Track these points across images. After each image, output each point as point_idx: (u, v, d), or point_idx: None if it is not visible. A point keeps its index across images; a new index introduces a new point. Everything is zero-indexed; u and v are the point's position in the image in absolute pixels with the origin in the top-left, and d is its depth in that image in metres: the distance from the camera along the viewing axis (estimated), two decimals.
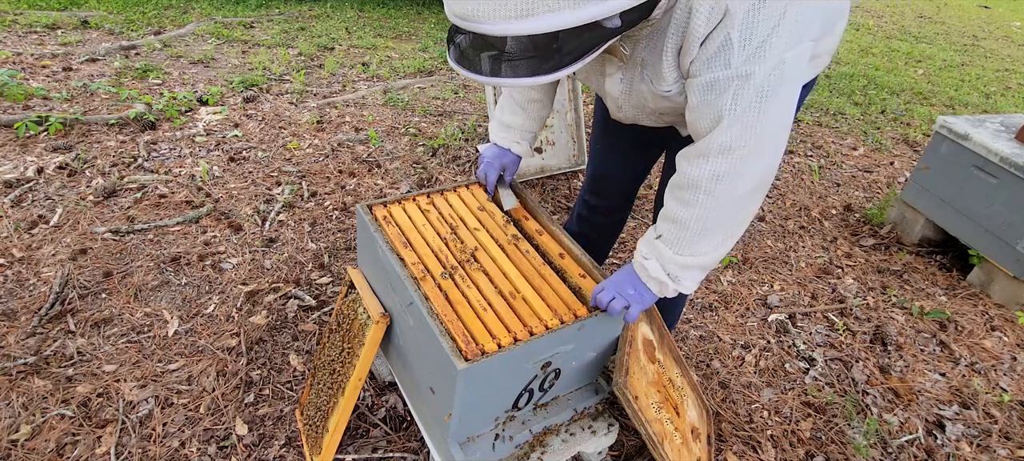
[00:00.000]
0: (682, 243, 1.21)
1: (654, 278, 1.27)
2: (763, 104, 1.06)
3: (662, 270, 1.25)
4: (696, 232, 1.19)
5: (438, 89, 4.32)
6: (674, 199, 1.21)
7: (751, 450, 1.84)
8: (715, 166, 1.12)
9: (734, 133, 1.08)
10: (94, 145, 3.03)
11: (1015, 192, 2.52)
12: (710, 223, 1.19)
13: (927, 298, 2.65)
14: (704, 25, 1.01)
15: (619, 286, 1.30)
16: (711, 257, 1.23)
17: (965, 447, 1.94)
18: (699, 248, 1.21)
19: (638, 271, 1.30)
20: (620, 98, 1.35)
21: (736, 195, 1.15)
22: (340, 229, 2.65)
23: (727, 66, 1.04)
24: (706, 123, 1.11)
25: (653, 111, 1.33)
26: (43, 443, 1.62)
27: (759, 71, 1.03)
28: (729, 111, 1.06)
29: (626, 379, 1.37)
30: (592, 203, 1.92)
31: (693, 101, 1.12)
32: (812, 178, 3.63)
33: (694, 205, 1.17)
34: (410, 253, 1.43)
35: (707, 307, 2.44)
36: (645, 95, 1.27)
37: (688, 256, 1.22)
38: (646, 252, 1.28)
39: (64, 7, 5.02)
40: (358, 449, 1.71)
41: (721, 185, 1.13)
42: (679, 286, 1.26)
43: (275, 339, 2.04)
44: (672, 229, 1.22)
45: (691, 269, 1.24)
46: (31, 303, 2.05)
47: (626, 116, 1.42)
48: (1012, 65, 6.77)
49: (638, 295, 1.29)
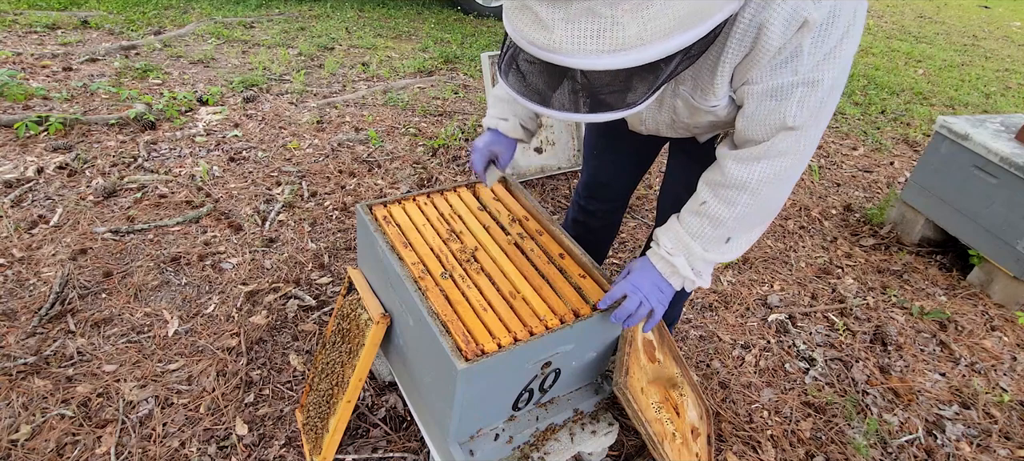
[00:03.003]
0: (714, 242, 1.20)
1: (680, 274, 1.24)
2: (823, 109, 1.04)
3: (689, 267, 1.23)
4: (731, 230, 1.19)
5: (438, 89, 4.32)
6: (715, 196, 1.18)
7: (751, 450, 1.84)
8: (768, 169, 1.10)
9: (795, 139, 1.06)
10: (94, 145, 3.03)
11: (1015, 192, 2.52)
12: (747, 222, 1.18)
13: (927, 298, 2.65)
14: (779, 38, 0.96)
15: (639, 287, 1.26)
16: (733, 255, 1.23)
17: (965, 447, 1.94)
18: (726, 249, 1.21)
19: (660, 267, 1.26)
20: (646, 113, 1.32)
21: (780, 196, 1.15)
22: (340, 229, 2.65)
23: (795, 73, 1.00)
24: (765, 130, 1.08)
25: (685, 125, 1.29)
26: (43, 443, 1.62)
27: (827, 77, 1.00)
28: (793, 118, 1.04)
29: (626, 379, 1.37)
30: (589, 208, 1.89)
31: (750, 108, 1.08)
32: (812, 178, 3.63)
33: (737, 205, 1.15)
34: (410, 253, 1.43)
35: (707, 307, 2.44)
36: (679, 110, 1.23)
37: (717, 254, 1.21)
38: (672, 248, 1.24)
39: (64, 7, 5.02)
40: (358, 449, 1.71)
41: (770, 187, 1.12)
42: (700, 281, 1.25)
43: (275, 339, 2.04)
44: (707, 227, 1.19)
45: (712, 265, 1.24)
46: (31, 303, 2.05)
47: (648, 128, 1.39)
48: (1012, 65, 6.77)
49: (661, 295, 1.26)
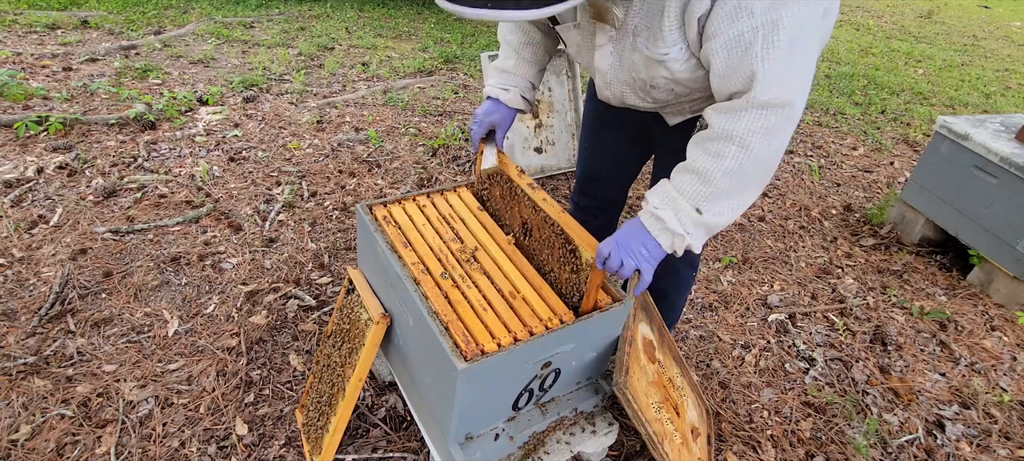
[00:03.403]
0: (703, 198, 1.15)
1: (669, 230, 1.18)
2: (796, 54, 1.02)
3: (678, 223, 1.17)
4: (721, 189, 1.14)
5: (438, 89, 4.32)
6: (703, 151, 1.15)
7: (751, 450, 1.84)
8: (755, 121, 1.08)
9: (771, 87, 1.04)
10: (94, 145, 3.03)
11: (1015, 192, 2.52)
12: (738, 179, 1.13)
13: (927, 298, 2.65)
14: None
15: (625, 246, 1.22)
16: (726, 219, 1.18)
17: (965, 447, 1.94)
18: (718, 207, 1.16)
19: (648, 223, 1.21)
20: (609, 73, 1.33)
21: (771, 150, 1.11)
22: (340, 229, 2.65)
23: (751, 15, 1.00)
24: (738, 82, 1.07)
25: (644, 84, 1.28)
26: (43, 443, 1.62)
27: (787, 17, 0.99)
28: (761, 64, 1.03)
29: (626, 379, 1.37)
30: (583, 204, 1.89)
31: (718, 65, 1.08)
32: (812, 178, 3.63)
33: (725, 158, 1.11)
34: (410, 253, 1.43)
35: (707, 307, 2.44)
36: (637, 65, 1.23)
37: (707, 214, 1.16)
38: (659, 203, 1.20)
39: (64, 7, 5.02)
40: (358, 449, 1.71)
41: (759, 140, 1.09)
42: (690, 243, 1.19)
43: (275, 339, 2.04)
44: (694, 182, 1.16)
45: (702, 228, 1.18)
46: (31, 303, 2.05)
47: (614, 94, 1.39)
48: (1012, 65, 6.77)
49: (648, 253, 1.21)
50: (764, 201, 3.31)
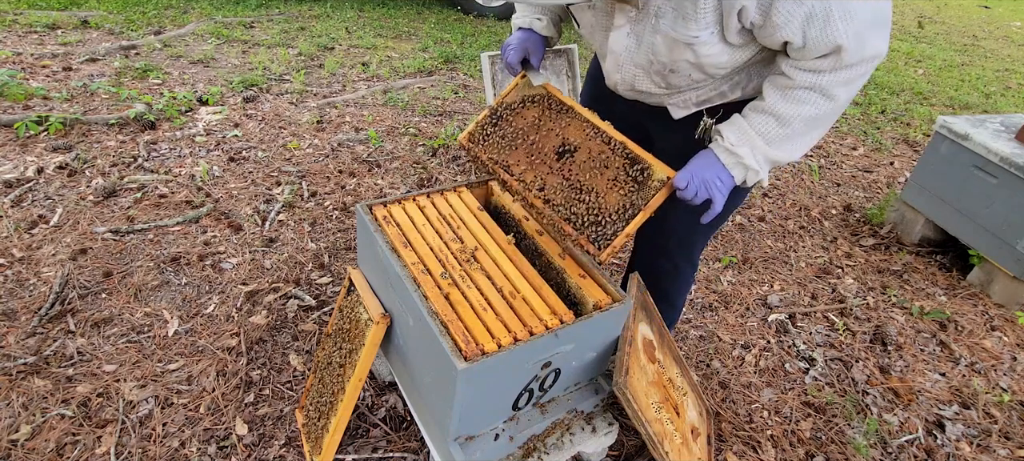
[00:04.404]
0: (778, 139, 1.23)
1: (743, 164, 1.26)
2: (868, 8, 1.06)
3: (753, 159, 1.25)
4: (796, 131, 1.21)
5: (438, 89, 4.32)
6: (782, 97, 1.20)
7: (751, 450, 1.84)
8: (840, 76, 1.14)
9: (857, 52, 1.09)
10: (94, 145, 3.03)
11: (1015, 192, 2.52)
12: (815, 124, 1.21)
13: (927, 298, 2.65)
14: None
15: (701, 176, 1.28)
16: (792, 157, 1.27)
17: (965, 447, 1.94)
18: (790, 146, 1.24)
19: (723, 158, 1.28)
20: (623, 55, 1.32)
21: (850, 94, 1.18)
22: (340, 229, 2.65)
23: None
24: (821, 51, 1.11)
25: (663, 67, 1.29)
26: (43, 443, 1.62)
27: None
28: (844, 37, 1.07)
29: (626, 379, 1.37)
30: None
31: (797, 41, 1.10)
32: (812, 178, 3.63)
33: (807, 104, 1.18)
34: (410, 253, 1.43)
35: (707, 307, 2.44)
36: (658, 47, 1.24)
37: (778, 152, 1.24)
38: (735, 140, 1.26)
39: (64, 7, 5.01)
40: (358, 449, 1.71)
41: (842, 89, 1.16)
42: (761, 177, 1.28)
43: (275, 339, 2.04)
44: (771, 124, 1.22)
45: (771, 163, 1.27)
46: (31, 303, 2.05)
47: (625, 79, 1.38)
48: (1012, 65, 6.77)
49: (722, 185, 1.28)
50: (764, 201, 3.31)
